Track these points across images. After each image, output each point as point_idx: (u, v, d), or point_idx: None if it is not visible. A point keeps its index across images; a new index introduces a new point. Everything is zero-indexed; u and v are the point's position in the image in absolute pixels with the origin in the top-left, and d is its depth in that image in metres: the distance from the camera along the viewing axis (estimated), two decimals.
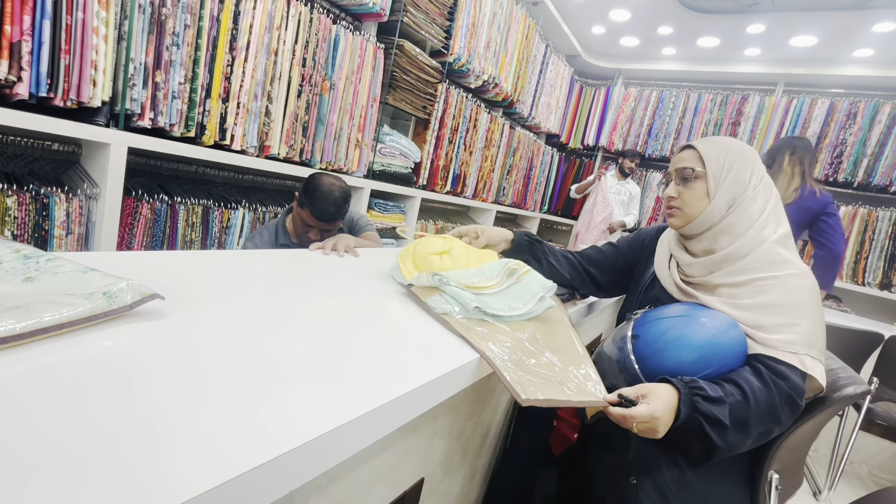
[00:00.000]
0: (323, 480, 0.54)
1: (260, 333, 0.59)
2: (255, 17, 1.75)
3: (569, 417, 1.14)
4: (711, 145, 0.93)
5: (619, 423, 0.71)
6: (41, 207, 1.41)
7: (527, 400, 0.60)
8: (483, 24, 2.96)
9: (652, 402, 0.71)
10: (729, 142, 0.94)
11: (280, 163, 2.00)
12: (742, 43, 3.79)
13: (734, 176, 0.90)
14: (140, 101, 1.48)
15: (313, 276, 0.93)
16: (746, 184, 0.90)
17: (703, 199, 0.91)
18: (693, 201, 0.92)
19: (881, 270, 3.55)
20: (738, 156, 0.91)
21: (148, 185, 1.76)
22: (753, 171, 0.91)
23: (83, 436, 0.34)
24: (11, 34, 1.18)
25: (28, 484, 0.29)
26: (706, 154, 0.92)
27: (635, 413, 0.70)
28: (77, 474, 0.30)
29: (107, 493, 0.29)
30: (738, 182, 0.90)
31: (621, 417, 0.70)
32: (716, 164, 0.91)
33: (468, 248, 1.03)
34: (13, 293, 0.49)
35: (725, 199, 0.90)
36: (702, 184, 0.92)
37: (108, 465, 0.32)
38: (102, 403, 0.38)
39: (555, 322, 0.87)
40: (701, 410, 0.72)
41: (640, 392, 0.73)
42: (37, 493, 0.28)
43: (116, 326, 0.52)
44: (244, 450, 0.36)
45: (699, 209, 0.92)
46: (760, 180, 0.91)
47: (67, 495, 0.29)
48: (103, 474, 0.31)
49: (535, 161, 4.33)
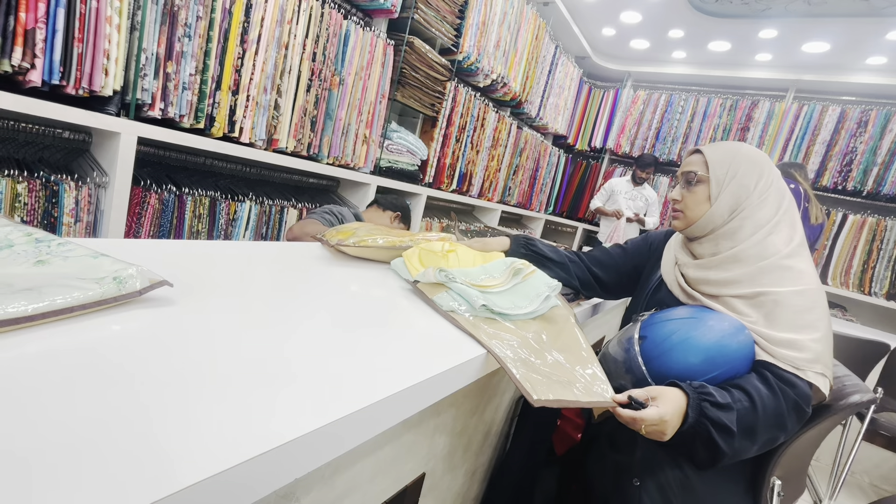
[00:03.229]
0: (326, 471, 0.54)
1: (267, 323, 0.59)
2: (266, 10, 1.75)
3: (573, 417, 1.13)
4: (717, 150, 0.94)
5: (629, 424, 0.71)
6: (51, 195, 1.41)
7: (538, 400, 0.60)
8: (493, 23, 2.95)
9: (661, 405, 0.71)
10: (737, 147, 0.93)
11: (288, 156, 2.00)
12: (753, 48, 3.76)
13: (738, 181, 0.90)
14: (151, 91, 1.49)
15: (321, 269, 0.93)
16: (751, 190, 0.89)
17: (704, 202, 0.92)
18: (694, 205, 0.94)
19: (888, 280, 3.52)
20: (744, 161, 0.91)
21: (156, 175, 1.77)
22: (761, 177, 0.90)
23: (91, 418, 0.34)
24: (26, 21, 1.19)
25: (35, 464, 0.29)
26: (711, 159, 0.93)
27: (645, 416, 0.70)
28: (83, 457, 0.31)
29: (111, 475, 0.30)
30: (741, 188, 0.89)
31: (631, 419, 0.70)
32: (719, 170, 0.91)
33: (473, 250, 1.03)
34: (25, 275, 0.50)
35: (728, 204, 0.90)
36: (704, 188, 0.93)
37: (114, 447, 0.32)
38: (110, 387, 0.38)
39: (560, 321, 0.87)
40: (709, 416, 0.72)
41: (649, 394, 0.72)
42: (43, 475, 0.29)
43: (125, 311, 0.52)
44: (250, 437, 0.36)
45: (700, 213, 0.93)
46: (769, 186, 0.90)
47: (73, 477, 0.29)
48: (109, 457, 0.31)
49: (542, 162, 4.32)
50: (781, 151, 3.99)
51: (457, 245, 1.02)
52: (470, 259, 0.98)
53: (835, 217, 3.73)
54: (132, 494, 0.29)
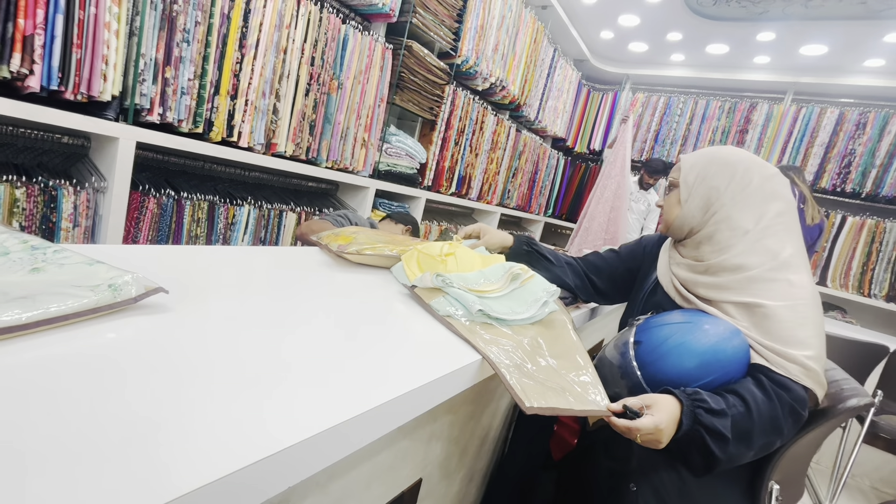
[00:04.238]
0: (322, 478, 0.54)
1: (263, 329, 0.59)
2: (265, 14, 1.76)
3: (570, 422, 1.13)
4: (693, 156, 0.97)
5: (624, 434, 0.71)
6: (49, 199, 1.42)
7: (531, 408, 0.60)
8: (492, 27, 2.96)
9: (656, 413, 0.71)
10: (715, 151, 0.95)
11: (286, 161, 2.01)
12: (752, 50, 3.77)
13: (707, 183, 0.92)
14: (149, 96, 1.49)
15: (320, 274, 0.93)
16: (722, 191, 0.90)
17: (676, 205, 0.97)
18: (668, 208, 0.99)
19: (888, 283, 3.52)
20: (716, 163, 0.93)
21: (155, 179, 1.77)
22: (733, 178, 0.89)
23: (84, 426, 0.34)
24: (25, 27, 1.19)
25: (30, 473, 0.29)
26: (684, 164, 0.97)
27: (640, 425, 0.69)
28: (77, 464, 0.31)
29: (106, 483, 0.30)
30: (711, 189, 0.91)
31: (626, 429, 0.70)
32: (690, 173, 0.95)
33: (473, 252, 1.03)
34: (20, 283, 0.50)
35: (697, 206, 0.93)
36: (677, 192, 0.97)
37: (109, 455, 0.32)
38: (105, 395, 0.38)
39: (558, 327, 0.87)
40: (703, 423, 0.72)
41: (644, 403, 0.72)
42: (38, 483, 0.29)
43: (121, 319, 0.52)
44: (244, 445, 0.37)
45: (673, 215, 0.97)
46: (745, 188, 0.88)
47: (68, 486, 0.29)
48: (104, 465, 0.31)
49: (541, 164, 4.33)
50: (780, 154, 3.99)
51: (456, 247, 1.01)
52: (469, 263, 0.97)
53: (834, 219, 3.73)
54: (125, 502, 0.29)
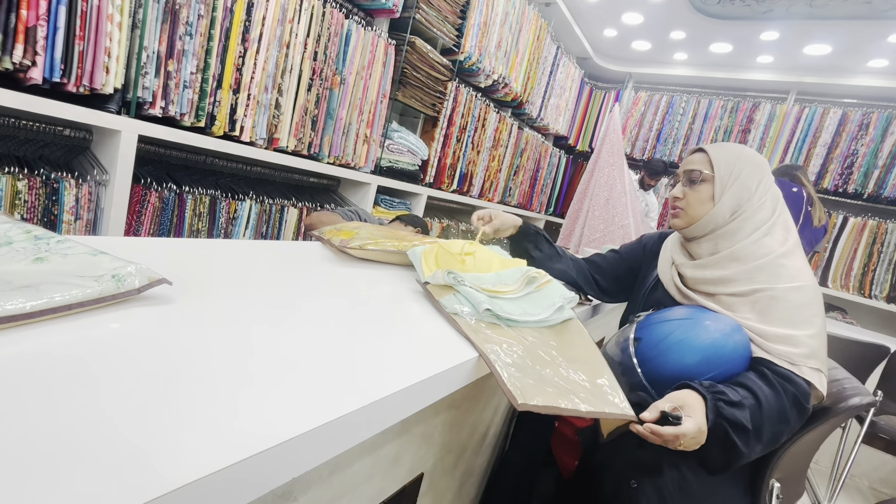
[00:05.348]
0: (324, 470, 0.54)
1: (267, 322, 0.59)
2: (268, 9, 1.75)
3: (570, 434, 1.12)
4: (722, 150, 0.94)
5: (668, 443, 0.68)
6: (51, 192, 1.41)
7: (523, 405, 0.58)
8: (495, 24, 2.95)
9: (693, 414, 0.68)
10: (740, 149, 0.94)
11: (288, 156, 2.00)
12: (755, 50, 3.76)
13: (741, 183, 0.90)
14: (152, 89, 1.49)
15: (322, 269, 0.93)
16: (753, 192, 0.90)
17: (707, 202, 0.92)
18: (697, 203, 0.93)
19: (889, 283, 3.52)
20: (747, 163, 0.91)
21: (157, 173, 1.77)
22: (761, 181, 0.91)
23: (87, 416, 0.34)
24: (27, 19, 1.19)
25: (27, 463, 0.29)
26: (716, 158, 0.92)
27: (686, 430, 0.66)
28: (78, 455, 0.31)
29: (107, 474, 0.30)
30: (744, 189, 0.90)
31: (673, 437, 0.67)
32: (724, 169, 0.91)
33: (494, 254, 1.00)
34: (24, 273, 0.50)
35: (730, 205, 0.90)
36: (708, 187, 0.92)
37: (110, 446, 0.32)
38: (108, 385, 0.38)
39: (573, 332, 0.84)
40: (725, 415, 0.70)
41: (673, 404, 0.69)
42: (38, 473, 0.28)
43: (124, 309, 0.52)
44: (247, 436, 0.36)
45: (702, 212, 0.92)
46: (768, 190, 0.91)
47: (66, 475, 0.29)
48: (106, 454, 0.31)
49: (543, 162, 4.32)
50: (782, 154, 3.98)
51: (477, 247, 0.99)
52: (487, 263, 0.95)
53: (835, 220, 3.72)
54: (129, 492, 0.29)
